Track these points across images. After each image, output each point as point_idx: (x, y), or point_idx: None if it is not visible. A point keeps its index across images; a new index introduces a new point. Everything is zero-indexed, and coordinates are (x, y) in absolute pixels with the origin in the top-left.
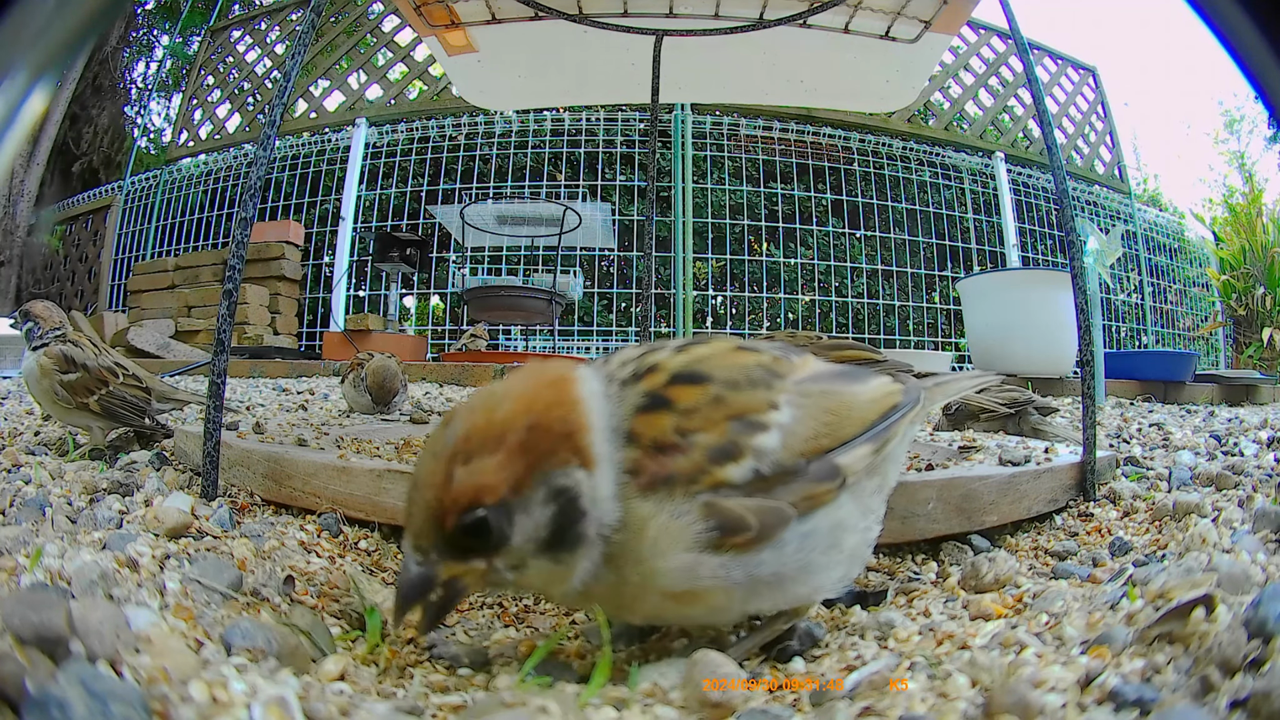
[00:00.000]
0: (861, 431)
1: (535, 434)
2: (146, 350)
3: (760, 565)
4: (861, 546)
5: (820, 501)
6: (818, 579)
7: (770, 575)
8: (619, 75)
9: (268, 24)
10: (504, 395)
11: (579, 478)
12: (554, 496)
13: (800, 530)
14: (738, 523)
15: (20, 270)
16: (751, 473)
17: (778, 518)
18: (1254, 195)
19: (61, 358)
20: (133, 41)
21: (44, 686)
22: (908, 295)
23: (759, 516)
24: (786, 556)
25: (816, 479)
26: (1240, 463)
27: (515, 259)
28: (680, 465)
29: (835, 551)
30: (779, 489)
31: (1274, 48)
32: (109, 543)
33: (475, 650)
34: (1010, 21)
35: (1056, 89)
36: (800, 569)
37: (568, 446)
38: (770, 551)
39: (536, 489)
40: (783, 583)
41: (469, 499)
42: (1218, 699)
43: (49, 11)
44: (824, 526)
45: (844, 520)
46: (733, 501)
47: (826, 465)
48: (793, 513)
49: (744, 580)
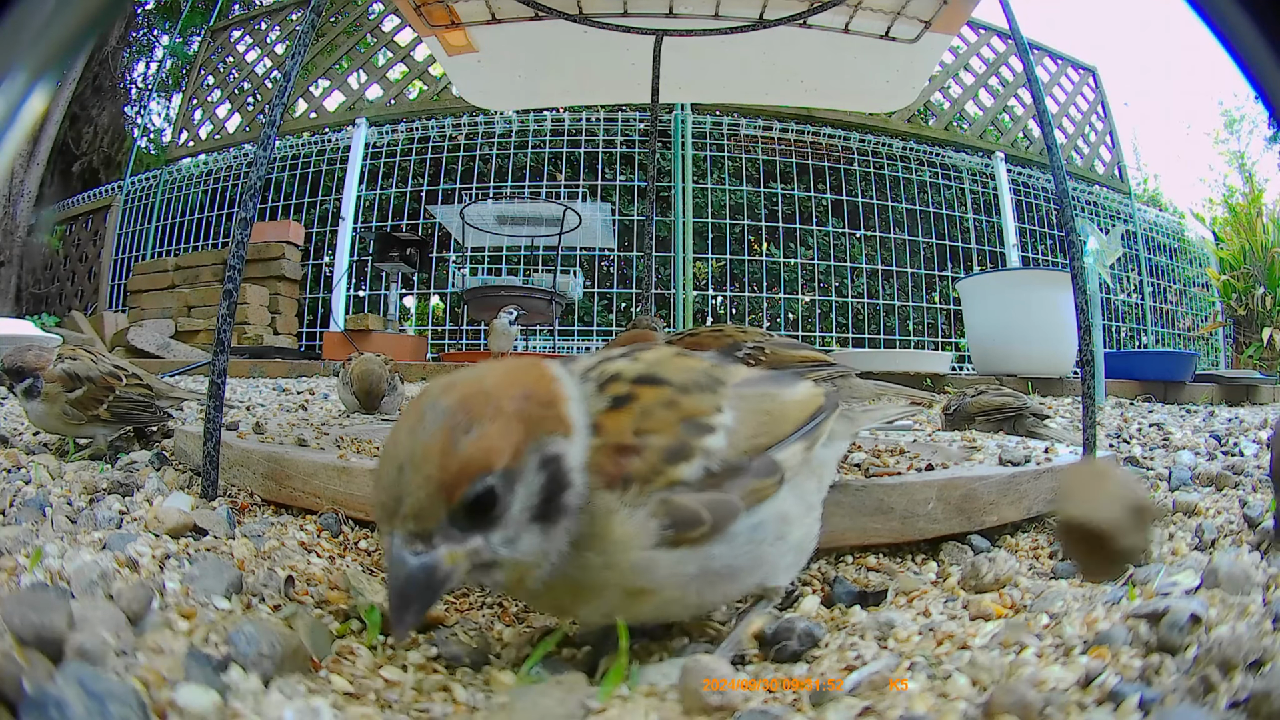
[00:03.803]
0: (794, 430)
1: (529, 402)
2: (146, 350)
3: (712, 558)
4: (807, 540)
5: (764, 495)
6: (767, 568)
7: (723, 567)
8: (619, 75)
9: (268, 24)
10: (484, 373)
11: (564, 446)
12: (546, 464)
13: (749, 522)
14: (692, 517)
15: (20, 270)
16: (702, 471)
17: (728, 510)
18: (1254, 195)
19: (64, 376)
20: (133, 41)
21: (42, 687)
22: (908, 295)
23: (711, 510)
24: (738, 548)
25: (759, 474)
26: (1240, 463)
27: (515, 259)
28: (636, 465)
29: (782, 542)
30: (727, 484)
31: (1274, 48)
32: (109, 543)
33: (475, 651)
34: (1010, 21)
35: (1056, 89)
36: (752, 560)
37: (554, 415)
38: (721, 544)
39: (532, 455)
40: (735, 573)
41: (479, 466)
42: (1218, 699)
43: (49, 11)
44: (770, 518)
45: (787, 513)
46: (686, 497)
47: (767, 461)
48: (741, 505)
49: (698, 573)
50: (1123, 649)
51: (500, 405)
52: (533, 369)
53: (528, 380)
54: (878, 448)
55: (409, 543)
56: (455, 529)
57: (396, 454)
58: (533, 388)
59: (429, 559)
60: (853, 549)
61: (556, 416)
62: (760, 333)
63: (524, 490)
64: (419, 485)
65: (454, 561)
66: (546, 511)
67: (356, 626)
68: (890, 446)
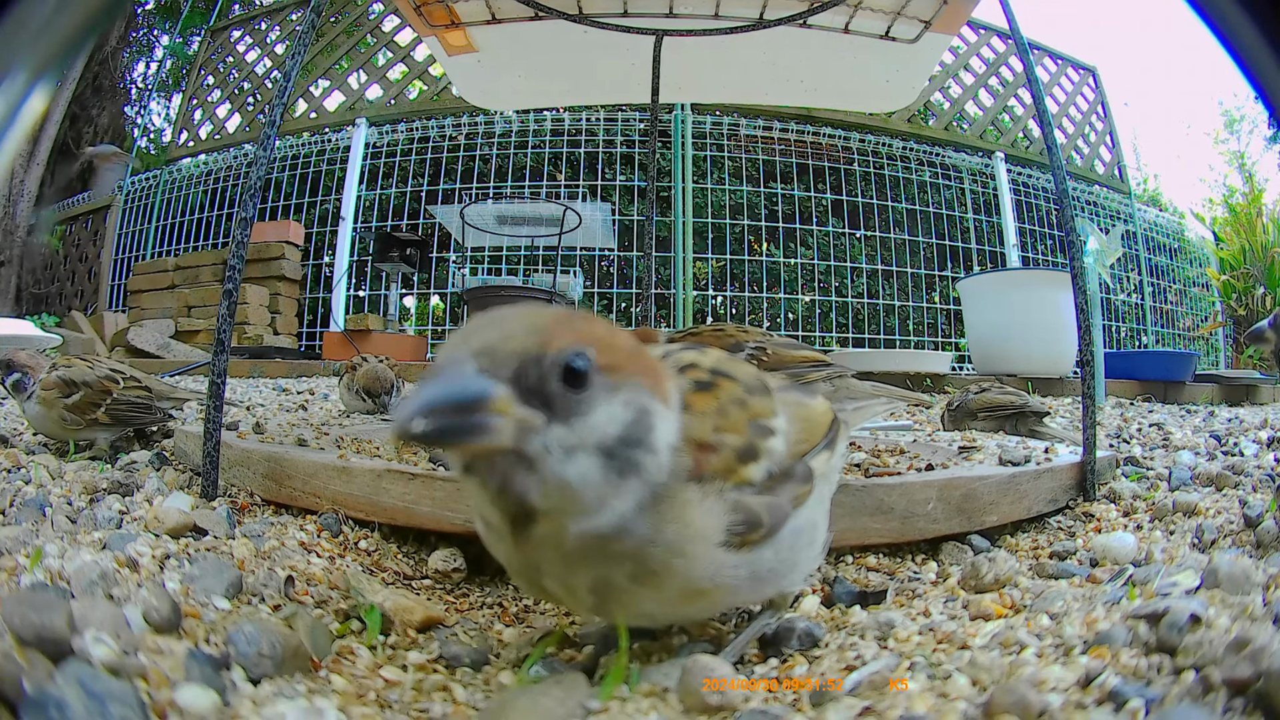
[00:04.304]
0: (823, 438)
1: (640, 354)
2: (146, 350)
3: (762, 561)
4: (825, 543)
5: (804, 500)
6: (797, 572)
7: (767, 571)
8: (619, 75)
9: (268, 24)
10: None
11: (659, 410)
12: (638, 408)
13: (792, 526)
14: (756, 519)
15: (20, 270)
16: (765, 473)
17: (782, 514)
18: (1254, 195)
19: (61, 383)
20: (133, 41)
21: (42, 687)
22: (908, 295)
23: (770, 513)
24: (781, 552)
25: (802, 479)
26: (1240, 463)
27: (515, 259)
28: (714, 463)
29: (811, 546)
30: (779, 488)
31: (1274, 48)
32: (109, 543)
33: (475, 651)
34: (1010, 21)
35: (1056, 89)
36: (788, 563)
37: (656, 382)
38: (770, 548)
39: (628, 389)
40: (775, 577)
41: (585, 340)
42: (1217, 699)
43: (49, 11)
44: (806, 523)
45: (816, 517)
46: (753, 499)
47: (805, 467)
48: (790, 509)
49: (748, 575)
50: (1123, 649)
51: (615, 337)
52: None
53: (637, 345)
54: (878, 448)
55: (480, 360)
56: (530, 383)
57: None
58: (644, 349)
59: (487, 387)
60: (853, 549)
61: (657, 385)
62: (760, 333)
63: (608, 410)
64: (516, 328)
65: (504, 409)
66: (620, 453)
67: (356, 626)
68: (890, 446)
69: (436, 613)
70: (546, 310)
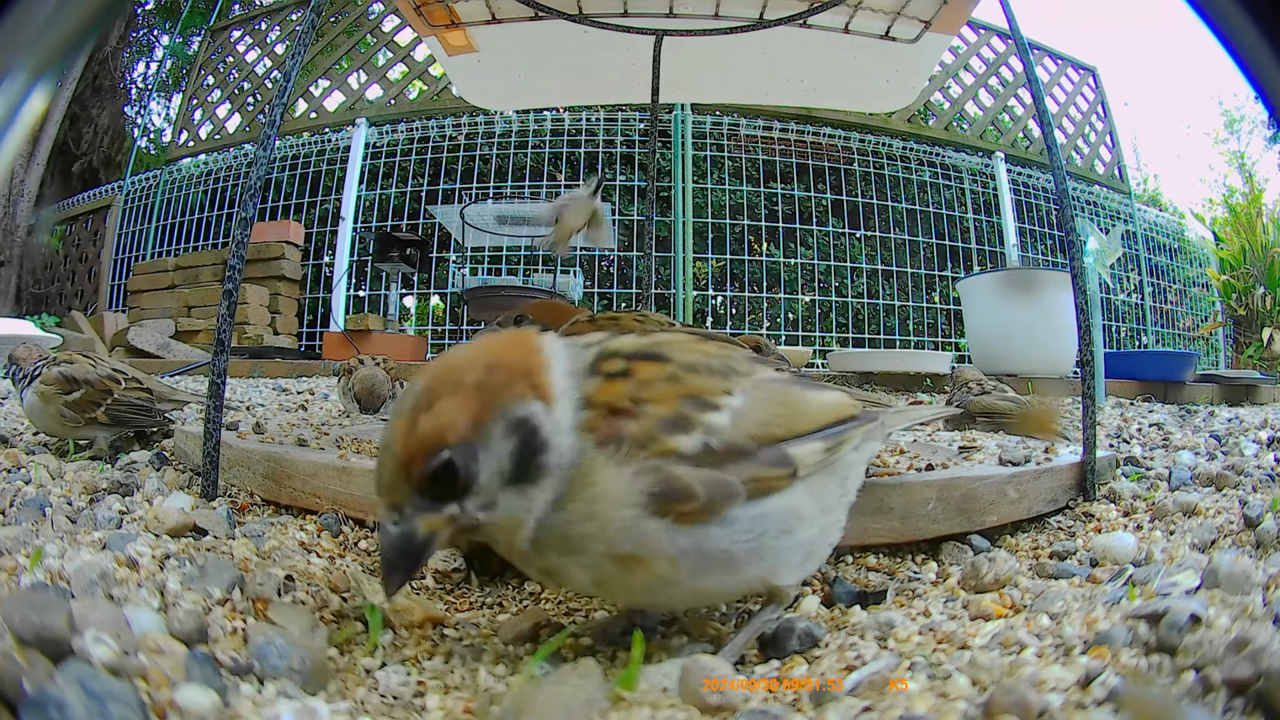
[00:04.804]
0: (815, 429)
1: (492, 373)
2: (146, 350)
3: (709, 539)
4: (821, 542)
5: (773, 486)
6: (770, 563)
7: (720, 552)
8: (619, 75)
9: (268, 24)
10: (462, 352)
11: (537, 410)
12: (515, 428)
13: (752, 511)
14: (684, 490)
15: (20, 270)
16: (701, 445)
17: (726, 491)
18: (1254, 195)
19: (61, 379)
20: (133, 41)
21: (42, 687)
22: (908, 295)
23: (706, 488)
24: (737, 535)
25: (767, 463)
26: (1240, 463)
27: (515, 259)
28: (631, 429)
29: (788, 538)
30: (729, 466)
31: (1274, 48)
32: (109, 543)
33: (475, 650)
34: (1010, 21)
35: (1056, 89)
36: (752, 551)
37: (525, 382)
38: (720, 527)
39: (496, 423)
40: (734, 562)
41: (433, 441)
42: (1217, 699)
43: (49, 11)
44: (776, 511)
45: (798, 510)
46: (681, 469)
47: (777, 453)
48: (742, 490)
49: (690, 550)
50: (1123, 649)
51: (461, 381)
52: (517, 339)
53: (501, 352)
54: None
55: (389, 514)
56: (426, 500)
57: (384, 435)
58: (504, 359)
59: (405, 528)
60: (853, 549)
61: (529, 384)
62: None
63: (491, 458)
64: (388, 464)
65: (432, 528)
66: (524, 474)
67: (356, 627)
68: (890, 446)
69: (436, 613)
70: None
